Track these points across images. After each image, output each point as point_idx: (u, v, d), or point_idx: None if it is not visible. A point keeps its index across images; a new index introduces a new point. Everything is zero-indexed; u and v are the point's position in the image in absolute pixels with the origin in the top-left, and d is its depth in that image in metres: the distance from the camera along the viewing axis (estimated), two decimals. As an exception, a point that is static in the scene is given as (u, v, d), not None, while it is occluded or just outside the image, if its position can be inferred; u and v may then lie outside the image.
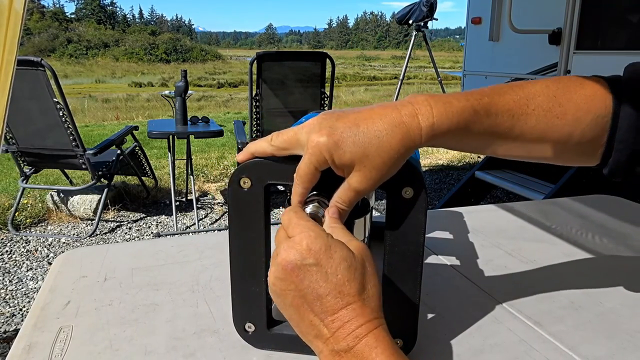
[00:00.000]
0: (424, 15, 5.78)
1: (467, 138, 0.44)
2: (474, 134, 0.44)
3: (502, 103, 0.45)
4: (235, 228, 0.49)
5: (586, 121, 0.46)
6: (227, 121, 7.73)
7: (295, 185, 0.44)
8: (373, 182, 0.42)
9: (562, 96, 0.46)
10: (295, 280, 0.37)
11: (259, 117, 3.35)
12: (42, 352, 0.51)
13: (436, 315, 0.60)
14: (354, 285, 0.37)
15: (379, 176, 0.42)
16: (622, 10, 3.34)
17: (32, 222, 3.40)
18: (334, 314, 0.37)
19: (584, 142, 0.47)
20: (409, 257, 0.47)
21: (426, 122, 0.41)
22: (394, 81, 20.68)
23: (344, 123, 0.41)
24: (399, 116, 0.41)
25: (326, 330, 0.37)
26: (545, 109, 0.45)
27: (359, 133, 0.40)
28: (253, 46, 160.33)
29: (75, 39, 50.96)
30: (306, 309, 0.38)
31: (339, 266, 0.37)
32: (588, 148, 0.48)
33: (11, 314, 2.27)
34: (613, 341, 0.55)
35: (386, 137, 0.41)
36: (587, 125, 0.46)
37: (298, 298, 0.38)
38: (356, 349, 0.35)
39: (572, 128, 0.46)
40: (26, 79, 2.82)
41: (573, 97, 0.46)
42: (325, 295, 0.37)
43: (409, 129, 0.41)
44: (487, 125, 0.44)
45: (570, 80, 0.48)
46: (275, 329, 0.52)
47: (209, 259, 0.75)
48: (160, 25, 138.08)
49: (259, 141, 0.46)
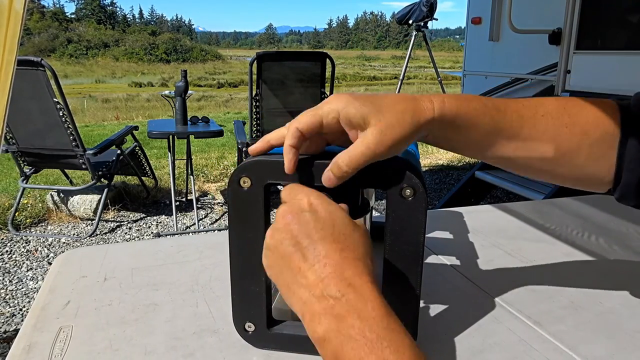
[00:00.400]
0: (424, 15, 5.78)
1: (474, 130, 0.44)
2: (481, 126, 0.44)
3: (511, 104, 0.45)
4: (235, 227, 0.49)
5: (595, 136, 0.45)
6: (227, 121, 7.73)
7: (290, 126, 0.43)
8: (384, 143, 0.41)
9: (572, 108, 0.46)
10: (292, 226, 0.38)
11: (259, 117, 3.35)
12: (42, 352, 0.51)
13: (436, 315, 0.60)
14: (350, 239, 0.38)
15: (391, 138, 0.41)
16: (622, 10, 3.34)
17: (32, 222, 3.40)
18: (327, 258, 0.36)
19: (593, 160, 0.46)
20: (409, 257, 0.47)
21: (437, 101, 0.44)
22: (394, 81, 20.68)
23: (361, 94, 0.43)
24: (413, 97, 0.44)
25: (314, 275, 0.36)
26: (554, 117, 0.45)
27: (376, 98, 0.43)
28: (253, 46, 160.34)
29: (75, 39, 50.96)
30: (298, 257, 0.37)
31: (337, 220, 0.38)
32: (597, 167, 0.47)
33: (11, 314, 2.27)
34: (613, 341, 0.55)
35: (401, 105, 0.43)
36: (595, 140, 0.45)
37: (292, 246, 0.37)
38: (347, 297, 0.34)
39: (580, 140, 0.45)
40: (26, 79, 2.82)
41: (582, 111, 0.46)
42: (322, 240, 0.37)
43: (422, 102, 0.43)
44: (495, 120, 0.44)
45: (579, 98, 0.48)
46: (275, 328, 0.52)
47: (209, 259, 0.75)
48: (160, 25, 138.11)
49: (274, 132, 0.46)
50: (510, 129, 0.45)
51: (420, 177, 0.45)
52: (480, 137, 0.45)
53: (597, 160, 0.46)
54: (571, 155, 0.46)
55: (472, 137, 0.45)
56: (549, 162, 0.46)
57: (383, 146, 0.42)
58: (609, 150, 0.46)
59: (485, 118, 0.44)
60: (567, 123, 0.45)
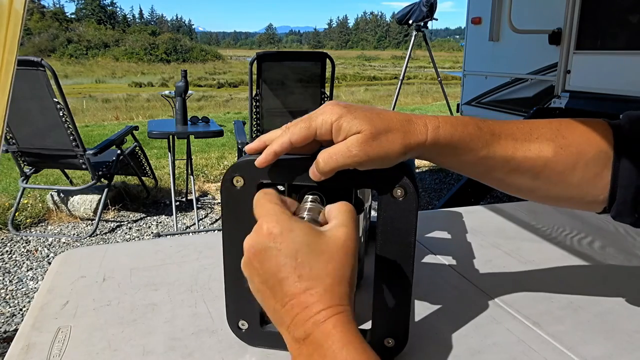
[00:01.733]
0: (424, 15, 5.78)
1: (468, 154, 0.45)
2: (476, 151, 0.45)
3: (505, 128, 0.46)
4: (228, 226, 0.49)
5: (589, 154, 0.46)
6: (227, 121, 7.73)
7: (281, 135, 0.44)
8: (367, 152, 0.42)
9: (565, 129, 0.47)
10: (256, 264, 0.37)
11: (259, 117, 3.35)
12: (40, 352, 0.51)
13: (434, 315, 0.60)
14: (315, 269, 0.36)
15: (376, 150, 0.42)
16: (622, 10, 3.34)
17: (32, 222, 3.40)
18: (292, 298, 0.35)
19: (588, 179, 0.47)
20: (400, 257, 0.47)
21: (432, 125, 0.44)
22: (394, 81, 20.67)
23: (357, 106, 0.44)
24: (408, 116, 0.44)
25: (287, 316, 0.36)
26: (548, 139, 0.46)
27: (371, 113, 0.43)
28: (253, 46, 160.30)
29: (75, 39, 50.95)
30: (269, 295, 0.37)
31: (300, 250, 0.36)
32: (592, 186, 0.47)
33: (11, 313, 2.28)
34: (611, 341, 0.55)
35: (394, 123, 0.43)
36: (590, 159, 0.46)
37: (261, 283, 0.37)
38: (312, 337, 0.34)
39: (575, 160, 0.46)
40: (26, 79, 2.82)
41: (575, 131, 0.47)
42: (285, 279, 0.36)
43: (416, 125, 0.44)
44: (489, 145, 0.45)
45: (571, 119, 0.48)
46: (268, 326, 0.52)
47: (208, 259, 0.75)
48: (160, 25, 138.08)
49: (270, 133, 0.46)
50: (504, 155, 0.46)
51: (412, 178, 0.45)
52: (475, 161, 0.46)
53: (592, 179, 0.47)
54: (566, 175, 0.46)
55: (466, 160, 0.46)
56: (543, 183, 0.47)
57: (365, 155, 0.42)
58: (604, 169, 0.46)
59: (479, 142, 0.45)
60: (561, 144, 0.46)
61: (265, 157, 0.44)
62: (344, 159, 0.42)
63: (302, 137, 0.43)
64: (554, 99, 3.56)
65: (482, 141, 0.45)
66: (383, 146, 0.42)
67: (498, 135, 0.46)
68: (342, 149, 0.42)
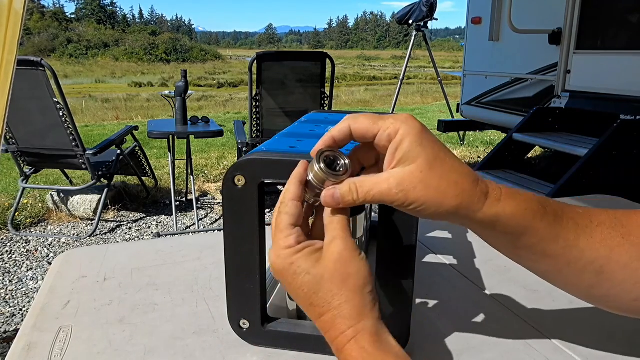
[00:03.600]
0: (424, 15, 5.78)
1: (530, 235, 0.39)
2: (538, 231, 0.39)
3: (567, 210, 0.41)
4: (230, 225, 0.49)
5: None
6: (227, 121, 7.73)
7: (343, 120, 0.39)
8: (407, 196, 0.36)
9: (623, 217, 0.42)
10: (286, 281, 0.40)
11: (259, 117, 3.35)
12: (41, 352, 0.51)
13: (435, 314, 0.60)
14: (321, 297, 0.37)
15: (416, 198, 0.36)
16: (622, 10, 3.34)
17: (32, 222, 3.40)
18: (316, 321, 0.39)
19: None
20: (402, 256, 0.47)
21: (494, 197, 0.38)
22: (394, 81, 20.68)
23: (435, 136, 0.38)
24: (475, 175, 0.38)
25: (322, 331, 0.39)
26: (609, 227, 0.41)
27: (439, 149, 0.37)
28: (253, 46, 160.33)
29: (75, 39, 50.95)
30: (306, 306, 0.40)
31: (303, 280, 0.38)
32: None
33: (11, 314, 2.27)
34: (612, 341, 0.55)
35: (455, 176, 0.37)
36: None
37: (296, 297, 0.41)
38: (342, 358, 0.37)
39: (639, 250, 0.41)
40: (26, 79, 2.82)
41: (633, 218, 0.42)
42: (304, 306, 0.39)
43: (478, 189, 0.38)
44: (552, 226, 0.39)
45: (624, 210, 0.44)
46: (269, 325, 0.52)
47: (209, 259, 0.75)
48: (160, 25, 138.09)
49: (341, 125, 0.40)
50: (567, 239, 0.40)
51: None
52: (533, 243, 0.40)
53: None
54: (633, 268, 0.40)
55: (521, 243, 0.40)
56: (606, 279, 0.41)
57: (403, 198, 0.37)
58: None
59: (542, 223, 0.39)
60: (623, 234, 0.41)
61: (323, 141, 0.39)
62: (381, 196, 0.37)
63: (363, 129, 0.38)
64: (554, 99, 3.57)
65: (545, 222, 0.39)
66: (428, 196, 0.36)
67: (561, 217, 0.40)
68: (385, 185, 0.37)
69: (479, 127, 5.06)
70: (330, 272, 0.37)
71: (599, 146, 2.73)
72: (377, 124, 0.38)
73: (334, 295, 0.37)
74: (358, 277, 0.37)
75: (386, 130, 0.37)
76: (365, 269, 0.38)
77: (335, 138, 0.39)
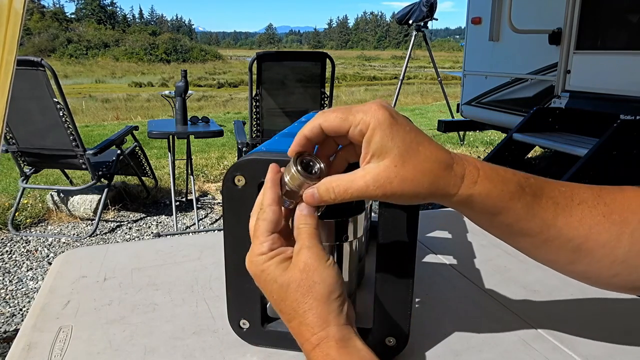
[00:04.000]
0: (424, 15, 5.78)
1: (503, 215, 0.40)
2: (513, 212, 0.40)
3: (548, 189, 0.41)
4: (230, 225, 0.49)
5: (633, 223, 0.41)
6: (227, 121, 7.73)
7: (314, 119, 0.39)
8: (385, 190, 0.37)
9: (607, 195, 0.43)
10: (261, 286, 0.41)
11: (259, 117, 3.35)
12: (41, 352, 0.51)
13: (435, 314, 0.60)
14: (288, 304, 0.39)
15: (393, 191, 0.37)
16: (622, 10, 3.34)
17: (32, 222, 3.40)
18: (287, 326, 0.40)
19: (636, 252, 0.41)
20: (401, 256, 0.48)
21: (470, 179, 0.39)
22: (394, 81, 20.67)
23: (406, 121, 0.39)
24: (450, 160, 0.39)
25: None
26: (590, 205, 0.41)
27: (413, 135, 0.38)
28: (253, 46, 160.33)
29: (75, 39, 50.95)
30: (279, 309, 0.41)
31: (272, 287, 0.39)
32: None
33: (11, 314, 2.27)
34: (612, 341, 0.55)
35: (429, 164, 0.38)
36: (635, 227, 0.41)
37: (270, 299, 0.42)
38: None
39: (620, 229, 0.41)
40: (26, 79, 2.82)
41: (617, 197, 0.43)
42: (276, 311, 0.41)
43: (452, 174, 0.38)
44: (530, 206, 0.40)
45: (609, 186, 0.44)
46: (269, 326, 0.52)
47: (209, 259, 0.75)
48: (160, 25, 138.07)
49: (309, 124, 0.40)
50: (544, 218, 0.40)
51: None
52: (509, 223, 0.41)
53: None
54: (611, 247, 0.41)
55: (498, 222, 0.41)
56: (584, 256, 0.42)
57: (381, 193, 0.38)
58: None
59: (518, 204, 0.40)
60: (604, 212, 0.41)
61: (297, 142, 0.40)
62: (359, 193, 0.38)
63: (335, 126, 0.38)
64: (554, 99, 3.57)
65: (522, 202, 0.40)
66: (405, 187, 0.37)
67: (540, 197, 0.40)
68: (360, 183, 0.38)
69: (479, 127, 5.06)
70: (297, 281, 0.38)
71: (599, 146, 2.73)
72: (348, 120, 0.38)
73: (299, 303, 0.38)
74: (323, 285, 0.38)
75: (357, 125, 0.37)
76: (332, 277, 0.38)
77: (308, 137, 0.39)
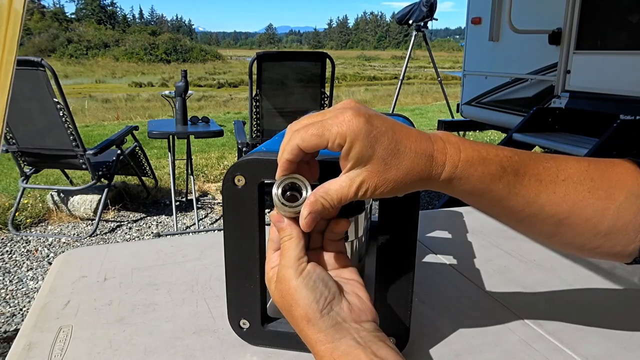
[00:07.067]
0: (424, 15, 5.79)
1: (486, 196, 0.41)
2: (495, 192, 0.41)
3: (531, 166, 0.42)
4: (230, 225, 0.49)
5: (620, 199, 0.42)
6: (227, 121, 7.73)
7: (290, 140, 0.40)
8: (373, 190, 0.39)
9: (594, 171, 0.43)
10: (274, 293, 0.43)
11: (259, 117, 3.35)
12: (42, 352, 0.51)
13: (435, 315, 0.60)
14: (293, 313, 0.40)
15: (381, 188, 0.39)
16: (622, 10, 3.34)
17: (32, 222, 3.40)
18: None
19: (619, 226, 0.42)
20: (401, 256, 0.48)
21: (450, 165, 0.40)
22: (394, 81, 20.67)
23: (382, 122, 0.39)
24: (431, 149, 0.39)
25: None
26: (575, 181, 0.42)
27: (392, 140, 0.38)
28: (253, 46, 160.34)
29: (75, 39, 50.90)
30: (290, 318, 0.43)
31: (278, 301, 0.41)
32: (623, 234, 0.43)
33: (11, 313, 2.28)
34: (612, 341, 0.55)
35: (411, 159, 0.38)
36: (620, 203, 0.42)
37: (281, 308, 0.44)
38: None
39: (605, 205, 0.42)
40: (26, 79, 2.82)
41: (605, 173, 0.43)
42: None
43: (434, 164, 0.39)
44: (511, 186, 0.41)
45: (600, 159, 0.45)
46: (269, 325, 0.52)
47: (209, 259, 0.75)
48: (160, 25, 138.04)
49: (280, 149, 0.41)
50: (526, 196, 0.41)
51: None
52: (493, 202, 0.42)
53: (624, 226, 0.42)
54: (595, 222, 0.42)
55: (480, 201, 0.42)
56: (566, 230, 0.43)
57: (369, 195, 0.39)
58: (637, 215, 0.42)
59: (499, 184, 0.41)
60: (589, 188, 0.42)
61: (282, 169, 0.41)
62: (348, 198, 0.39)
63: (312, 146, 0.39)
64: (554, 99, 3.57)
65: (504, 182, 0.41)
66: (394, 182, 0.38)
67: (522, 176, 0.41)
68: (348, 190, 0.39)
69: (479, 127, 5.06)
70: (280, 305, 0.41)
71: (599, 146, 2.73)
72: (324, 137, 0.38)
73: (294, 318, 0.40)
74: (297, 308, 0.39)
75: (334, 140, 0.38)
76: (303, 298, 0.39)
77: (291, 160, 0.40)
